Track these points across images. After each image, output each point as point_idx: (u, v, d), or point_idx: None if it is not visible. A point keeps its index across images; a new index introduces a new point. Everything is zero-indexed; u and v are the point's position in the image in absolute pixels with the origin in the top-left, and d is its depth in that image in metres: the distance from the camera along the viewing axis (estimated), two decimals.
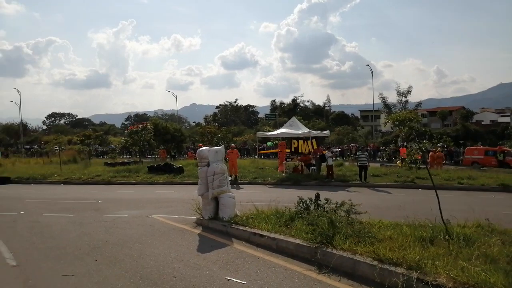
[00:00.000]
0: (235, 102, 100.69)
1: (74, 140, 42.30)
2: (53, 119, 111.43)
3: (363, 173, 17.14)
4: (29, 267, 5.96)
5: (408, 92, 51.61)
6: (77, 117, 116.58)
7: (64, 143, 39.72)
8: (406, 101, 51.92)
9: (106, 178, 20.23)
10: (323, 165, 19.01)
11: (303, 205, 7.78)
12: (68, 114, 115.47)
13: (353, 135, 54.98)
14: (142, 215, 10.05)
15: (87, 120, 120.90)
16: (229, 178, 9.51)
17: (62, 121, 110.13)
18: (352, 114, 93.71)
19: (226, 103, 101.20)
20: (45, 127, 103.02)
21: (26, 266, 6.01)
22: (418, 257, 4.86)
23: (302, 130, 21.77)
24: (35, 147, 50.67)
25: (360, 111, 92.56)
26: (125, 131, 39.15)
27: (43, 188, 18.24)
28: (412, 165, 14.15)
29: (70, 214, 10.55)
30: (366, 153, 19.49)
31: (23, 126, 68.94)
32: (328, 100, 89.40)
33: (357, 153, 18.90)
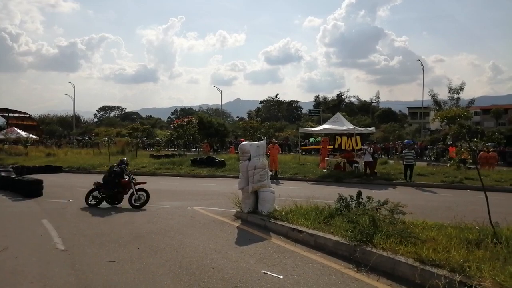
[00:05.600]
0: (276, 96, 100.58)
1: (122, 132, 43.93)
2: (103, 112, 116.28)
3: (408, 172, 16.61)
4: (76, 252, 6.28)
5: (461, 88, 49.15)
6: (126, 111, 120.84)
7: (113, 135, 41.29)
8: (458, 98, 49.47)
9: (151, 169, 20.91)
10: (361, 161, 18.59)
11: (343, 202, 7.65)
12: (118, 108, 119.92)
13: (400, 133, 53.29)
14: (184, 207, 10.30)
15: (136, 113, 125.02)
16: (270, 173, 9.51)
17: (112, 114, 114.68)
18: (399, 111, 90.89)
19: (269, 98, 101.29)
20: (96, 119, 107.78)
21: (73, 251, 6.34)
22: (462, 259, 4.65)
23: (347, 126, 21.36)
24: (86, 138, 53.10)
25: (409, 108, 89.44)
26: (171, 125, 40.17)
27: (91, 178, 19.05)
28: (461, 165, 13.59)
29: None
30: (412, 151, 18.83)
31: (76, 118, 72.49)
32: (377, 96, 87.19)
33: (404, 151, 18.32)
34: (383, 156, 31.58)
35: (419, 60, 46.99)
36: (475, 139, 6.92)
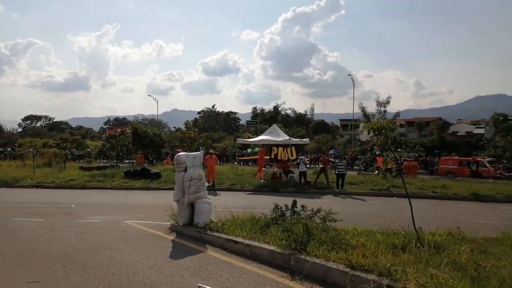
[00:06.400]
0: (213, 107, 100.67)
1: (50, 143, 41.37)
2: (29, 121, 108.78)
3: (340, 181, 17.28)
4: None
5: (387, 102, 52.24)
6: (54, 120, 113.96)
7: (39, 146, 38.73)
8: (385, 111, 52.49)
9: (80, 182, 19.79)
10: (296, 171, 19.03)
11: (279, 211, 7.75)
12: (45, 117, 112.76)
13: (332, 144, 55.45)
14: (116, 221, 9.84)
15: (65, 123, 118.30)
16: (207, 184, 9.41)
17: (38, 124, 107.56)
18: (332, 123, 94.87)
19: (206, 109, 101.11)
20: (20, 129, 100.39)
21: None
22: (389, 264, 4.90)
23: (282, 137, 21.81)
24: (9, 149, 49.17)
25: (340, 120, 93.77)
26: (103, 135, 38.50)
27: (14, 192, 17.72)
28: (387, 174, 14.42)
29: (40, 218, 10.25)
30: (344, 161, 19.65)
31: None
32: (312, 109, 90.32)
33: (335, 161, 19.07)
34: (317, 166, 32.66)
35: (350, 75, 49.23)
36: (399, 149, 7.34)
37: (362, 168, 32.70)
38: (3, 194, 16.62)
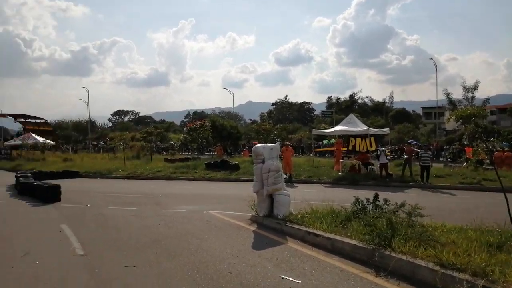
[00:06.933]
0: (285, 98, 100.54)
1: (137, 136, 44.43)
2: (117, 116, 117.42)
3: (425, 173, 16.36)
4: (95, 257, 6.36)
5: (475, 87, 48.21)
6: (139, 115, 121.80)
7: (128, 139, 41.81)
8: (473, 97, 48.51)
9: (166, 173, 21.06)
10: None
11: (359, 205, 7.57)
12: (132, 112, 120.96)
13: (415, 133, 52.65)
14: (200, 211, 10.34)
15: (149, 117, 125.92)
16: (284, 176, 9.48)
17: (126, 118, 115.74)
18: (413, 111, 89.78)
19: (278, 100, 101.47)
20: (110, 124, 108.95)
21: (92, 255, 6.42)
22: (484, 263, 4.57)
23: (360, 127, 21.12)
24: (102, 143, 53.70)
25: (423, 108, 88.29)
26: (184, 128, 40.45)
27: (108, 182, 19.37)
28: (478, 166, 13.30)
29: (132, 207, 11.12)
30: (429, 152, 18.57)
31: (91, 123, 73.37)
32: (391, 97, 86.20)
33: (420, 152, 18.06)
34: (402, 156, 31.20)
35: (431, 59, 46.00)
36: (491, 139, 6.75)
37: (449, 159, 30.62)
38: (100, 185, 18.24)
